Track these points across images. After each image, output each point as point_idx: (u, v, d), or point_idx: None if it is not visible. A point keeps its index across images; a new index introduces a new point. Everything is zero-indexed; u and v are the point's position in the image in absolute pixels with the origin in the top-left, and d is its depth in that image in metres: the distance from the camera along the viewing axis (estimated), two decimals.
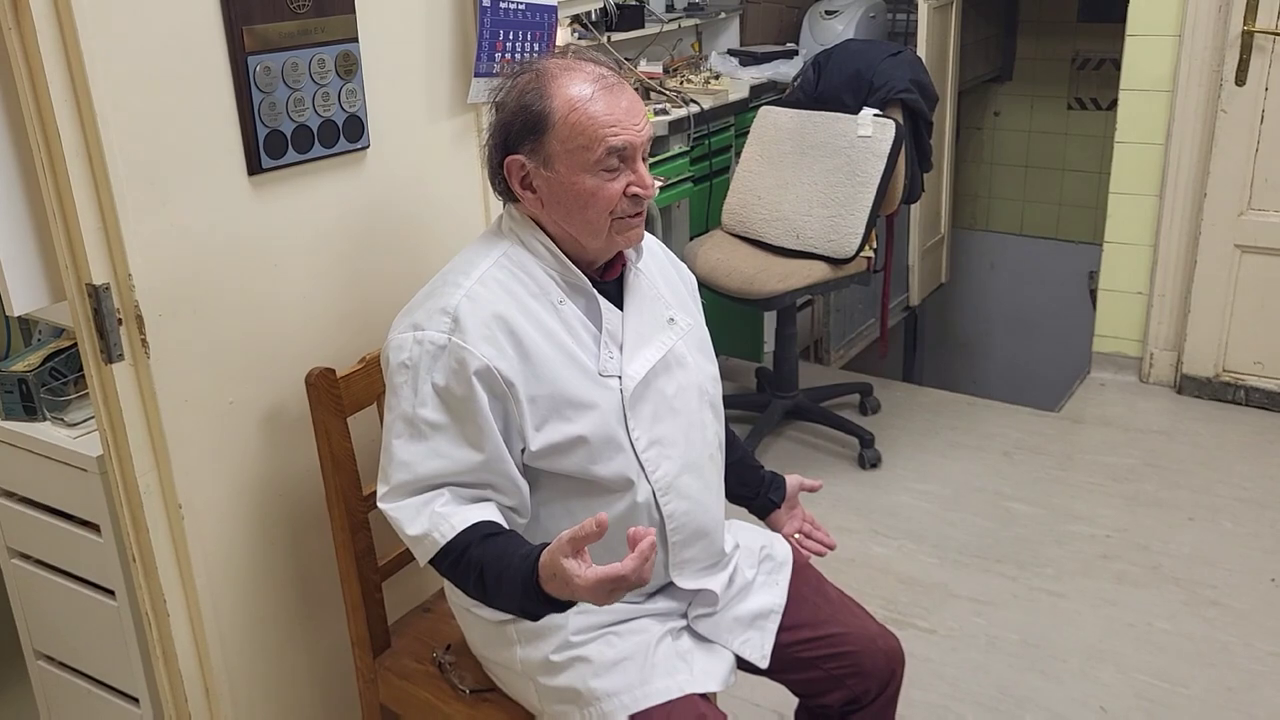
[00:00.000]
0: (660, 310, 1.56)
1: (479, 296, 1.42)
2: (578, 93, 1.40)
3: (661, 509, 1.50)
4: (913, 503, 3.10)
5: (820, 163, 3.16)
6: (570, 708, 1.48)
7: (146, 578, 1.59)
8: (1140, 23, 3.48)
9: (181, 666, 1.63)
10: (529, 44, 1.92)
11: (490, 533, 1.38)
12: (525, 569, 1.31)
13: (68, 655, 1.97)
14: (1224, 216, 3.45)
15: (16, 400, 1.83)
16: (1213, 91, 3.38)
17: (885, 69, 3.16)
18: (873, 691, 1.64)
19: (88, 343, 1.47)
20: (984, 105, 5.47)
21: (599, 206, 1.43)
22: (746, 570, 1.64)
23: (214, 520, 1.62)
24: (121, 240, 1.42)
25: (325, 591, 1.78)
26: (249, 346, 1.62)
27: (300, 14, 1.57)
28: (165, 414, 1.52)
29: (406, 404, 1.41)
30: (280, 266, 1.64)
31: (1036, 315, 5.61)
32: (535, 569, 1.30)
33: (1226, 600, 2.62)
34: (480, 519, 1.38)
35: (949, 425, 3.56)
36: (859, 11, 4.31)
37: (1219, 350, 3.59)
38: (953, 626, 2.56)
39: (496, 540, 1.37)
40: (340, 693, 1.86)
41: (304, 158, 1.62)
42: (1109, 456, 3.32)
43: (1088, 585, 2.70)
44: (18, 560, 1.95)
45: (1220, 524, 2.94)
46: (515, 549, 1.35)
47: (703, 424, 1.58)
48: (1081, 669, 2.41)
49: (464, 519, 1.38)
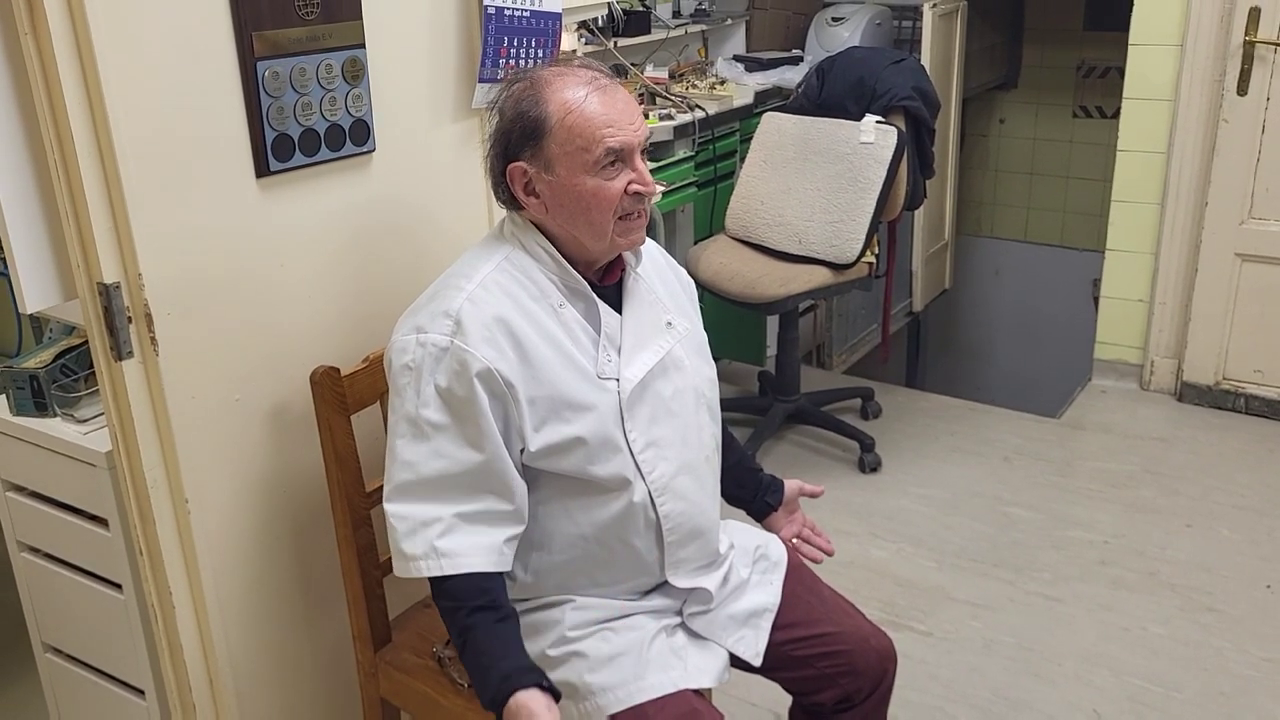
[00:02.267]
0: (658, 314, 1.59)
1: (480, 300, 1.45)
2: (572, 95, 1.43)
3: (658, 509, 1.52)
4: (912, 506, 3.12)
5: (823, 169, 3.19)
6: (566, 702, 1.50)
7: (153, 571, 1.62)
8: (1143, 32, 3.50)
9: (186, 659, 1.65)
10: (534, 50, 1.94)
11: (481, 605, 1.42)
12: (498, 690, 1.38)
13: (75, 648, 2.00)
14: (1225, 225, 3.46)
15: (28, 396, 1.86)
16: (1214, 101, 3.40)
17: (888, 76, 3.18)
18: (865, 690, 1.67)
19: (98, 340, 1.50)
20: (989, 112, 5.48)
21: (602, 207, 1.45)
22: (741, 569, 1.66)
23: (219, 515, 1.65)
24: (132, 240, 1.46)
25: (327, 586, 1.81)
26: (255, 345, 1.65)
27: (309, 20, 1.60)
28: (173, 410, 1.55)
29: (410, 405, 1.44)
30: (287, 267, 1.67)
31: (1040, 322, 5.62)
32: (507, 698, 1.37)
33: (1222, 606, 2.64)
34: (475, 569, 1.42)
35: (949, 430, 3.58)
36: (865, 18, 4.33)
37: (1219, 358, 3.60)
38: (949, 629, 2.58)
39: (486, 629, 1.42)
40: (341, 686, 1.88)
41: (311, 161, 1.65)
42: (1108, 463, 3.33)
43: (1084, 590, 2.71)
44: (27, 554, 1.98)
45: (1218, 531, 2.95)
46: (501, 656, 1.41)
47: (699, 426, 1.60)
48: (1076, 672, 2.43)
49: (458, 563, 1.42)
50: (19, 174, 1.44)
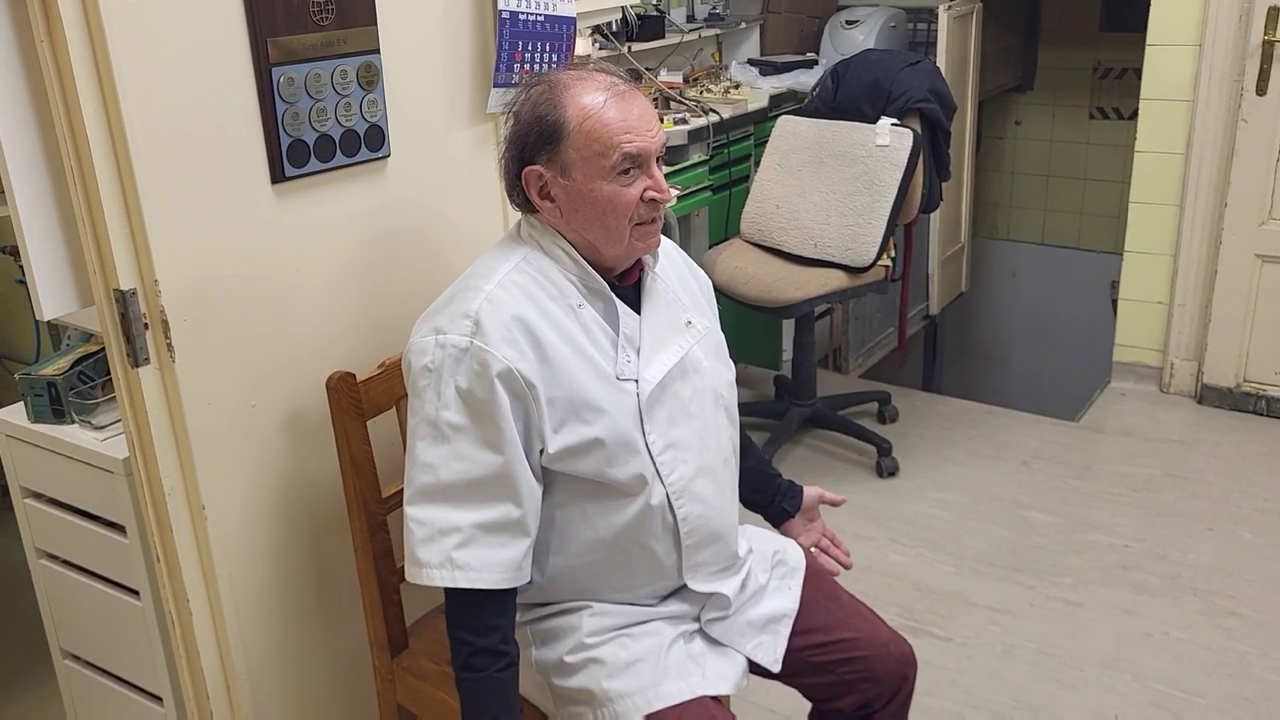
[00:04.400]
0: (677, 314, 1.58)
1: (499, 300, 1.44)
2: (590, 101, 1.43)
3: (676, 512, 1.52)
4: (930, 511, 3.10)
5: (838, 172, 3.18)
6: (584, 708, 1.50)
7: (170, 578, 1.62)
8: (1160, 32, 3.47)
9: (203, 665, 1.65)
10: (548, 54, 1.94)
11: (487, 648, 1.43)
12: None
13: (93, 654, 2.00)
14: (1245, 226, 3.44)
15: (46, 403, 1.87)
16: (1233, 101, 3.38)
17: (903, 79, 3.17)
18: (885, 696, 1.65)
19: (115, 347, 1.50)
20: (1005, 114, 5.46)
21: (618, 213, 1.45)
22: (760, 574, 1.65)
23: (236, 521, 1.65)
24: (148, 247, 1.46)
25: (344, 592, 1.81)
26: (271, 351, 1.65)
27: (323, 26, 1.60)
28: (189, 417, 1.55)
29: (430, 407, 1.43)
30: (302, 273, 1.67)
31: (1058, 324, 5.59)
32: None
33: (1245, 611, 2.61)
34: (490, 585, 1.42)
35: (967, 434, 3.56)
36: (879, 21, 4.32)
37: (1240, 360, 3.57)
38: (969, 634, 2.56)
39: (488, 677, 1.43)
40: (358, 692, 1.88)
41: (326, 166, 1.65)
42: (1128, 466, 3.31)
43: (1105, 594, 2.69)
44: (45, 560, 1.99)
45: (1240, 534, 2.93)
46: (501, 710, 1.43)
47: (717, 428, 1.59)
48: (1097, 678, 2.40)
49: (472, 578, 1.41)
50: (36, 181, 1.45)
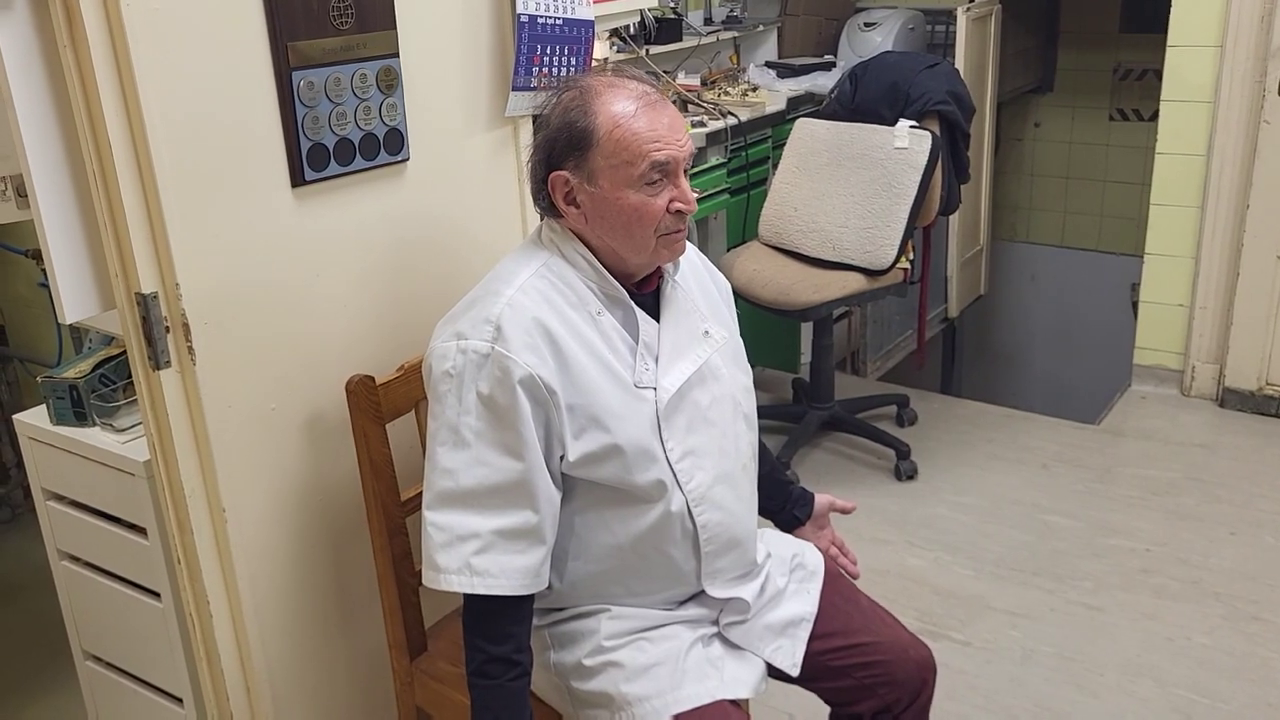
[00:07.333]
0: (696, 323, 1.58)
1: (520, 305, 1.44)
2: (621, 109, 1.42)
3: (695, 519, 1.51)
4: (949, 514, 3.09)
5: (856, 174, 3.17)
6: (602, 712, 1.50)
7: (190, 580, 1.63)
8: (1181, 33, 3.45)
9: (224, 667, 1.66)
10: (567, 58, 1.95)
11: (502, 656, 1.43)
12: None
13: (115, 655, 2.02)
14: (1267, 228, 3.41)
15: (67, 406, 1.88)
16: (1255, 102, 3.35)
17: (922, 81, 3.16)
18: (904, 701, 1.65)
19: (136, 350, 1.51)
20: (1025, 116, 5.44)
21: (644, 223, 1.44)
22: (778, 578, 1.64)
23: (256, 523, 1.65)
24: (169, 250, 1.47)
25: (363, 595, 1.81)
26: (291, 354, 1.66)
27: (343, 30, 1.60)
28: (210, 419, 1.56)
29: (451, 412, 1.43)
30: (322, 276, 1.68)
31: (1077, 327, 5.56)
32: None
33: (1268, 615, 2.59)
34: (508, 592, 1.42)
35: (987, 437, 3.54)
36: (898, 23, 4.31)
37: (1262, 363, 3.54)
38: (988, 639, 2.55)
39: (501, 686, 1.43)
40: (377, 694, 1.88)
41: (346, 170, 1.66)
42: (1149, 470, 3.29)
43: (1126, 599, 2.67)
44: (67, 562, 2.00)
45: (1262, 538, 2.90)
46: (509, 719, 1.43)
47: (736, 435, 1.59)
48: (1119, 683, 2.39)
49: (490, 584, 1.41)
50: (58, 185, 1.46)
